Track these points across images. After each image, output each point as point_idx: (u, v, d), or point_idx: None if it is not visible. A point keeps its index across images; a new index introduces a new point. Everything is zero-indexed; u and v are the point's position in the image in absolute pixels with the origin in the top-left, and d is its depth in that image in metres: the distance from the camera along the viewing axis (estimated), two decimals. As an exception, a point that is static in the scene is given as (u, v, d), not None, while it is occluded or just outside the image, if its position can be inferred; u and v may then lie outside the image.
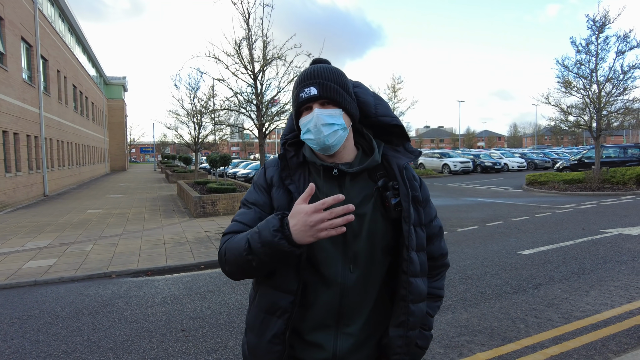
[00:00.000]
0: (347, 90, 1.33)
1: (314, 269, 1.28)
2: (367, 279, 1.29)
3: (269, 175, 1.37)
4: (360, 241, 1.27)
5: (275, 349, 1.28)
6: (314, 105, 1.28)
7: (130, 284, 5.94)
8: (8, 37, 14.89)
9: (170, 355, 3.72)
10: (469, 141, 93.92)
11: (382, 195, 1.29)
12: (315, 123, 1.25)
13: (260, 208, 1.34)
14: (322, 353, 1.28)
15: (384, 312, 1.35)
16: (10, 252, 7.87)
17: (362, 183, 1.31)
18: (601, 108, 15.65)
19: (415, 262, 1.30)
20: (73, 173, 25.68)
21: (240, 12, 9.12)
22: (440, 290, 1.48)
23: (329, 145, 1.26)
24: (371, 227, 1.28)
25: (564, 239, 7.78)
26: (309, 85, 1.29)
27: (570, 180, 16.75)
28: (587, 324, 4.03)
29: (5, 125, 14.30)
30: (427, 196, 1.42)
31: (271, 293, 1.30)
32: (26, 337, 4.18)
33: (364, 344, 1.31)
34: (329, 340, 1.28)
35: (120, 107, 49.92)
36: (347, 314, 1.28)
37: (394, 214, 1.28)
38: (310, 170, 1.34)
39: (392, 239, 1.31)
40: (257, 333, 1.33)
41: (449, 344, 3.71)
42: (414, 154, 1.38)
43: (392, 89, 28.47)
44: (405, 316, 1.30)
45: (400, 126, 1.39)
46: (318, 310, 1.28)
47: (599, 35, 15.44)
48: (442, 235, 1.48)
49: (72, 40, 28.06)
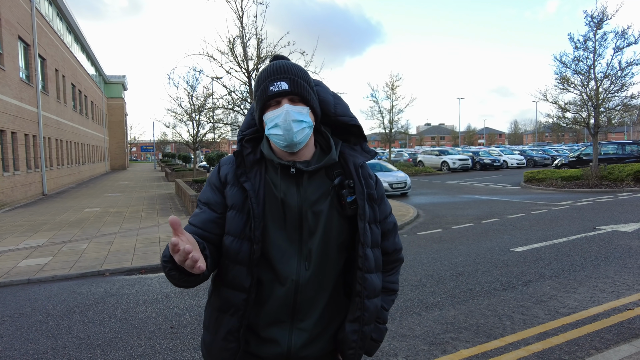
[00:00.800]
0: (312, 88, 1.35)
1: (268, 266, 1.29)
2: (322, 275, 1.31)
3: (223, 173, 1.35)
4: (316, 238, 1.29)
5: (229, 346, 1.30)
6: (283, 101, 1.28)
7: (123, 282, 5.97)
8: (5, 36, 14.91)
9: (158, 352, 3.74)
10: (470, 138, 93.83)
11: (339, 193, 1.31)
12: (285, 118, 1.25)
13: (212, 208, 1.34)
14: (276, 348, 1.30)
15: (338, 306, 1.37)
16: (5, 250, 7.91)
17: (319, 181, 1.32)
18: (599, 105, 15.63)
19: (370, 259, 1.32)
20: (72, 172, 25.73)
21: (234, 10, 9.15)
22: (394, 284, 1.51)
23: (296, 142, 1.26)
24: (327, 225, 1.30)
25: (557, 236, 7.79)
26: (279, 80, 1.28)
27: (568, 177, 16.74)
28: (572, 320, 4.05)
29: (2, 125, 14.33)
30: (382, 194, 1.44)
31: (224, 291, 1.32)
32: (16, 335, 4.22)
33: (318, 338, 1.33)
34: (284, 335, 1.30)
35: (120, 105, 49.94)
36: (302, 309, 1.30)
37: (349, 211, 1.30)
38: (267, 167, 1.34)
39: (347, 236, 1.34)
40: (212, 331, 1.35)
41: (434, 341, 3.74)
42: (370, 154, 1.40)
43: (391, 86, 28.46)
44: (361, 311, 1.32)
45: (359, 126, 1.41)
46: (272, 306, 1.30)
47: (597, 32, 15.41)
48: (397, 231, 1.51)
49: (70, 39, 28.06)
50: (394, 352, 3.57)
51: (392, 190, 15.68)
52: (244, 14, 9.09)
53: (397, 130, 29.92)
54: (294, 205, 1.28)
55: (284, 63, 1.32)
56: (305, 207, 1.28)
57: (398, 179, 16.07)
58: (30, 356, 3.75)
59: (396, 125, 29.36)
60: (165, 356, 3.66)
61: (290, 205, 1.27)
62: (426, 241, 7.92)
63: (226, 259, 1.31)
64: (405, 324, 4.12)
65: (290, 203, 1.28)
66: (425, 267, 6.11)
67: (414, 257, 6.76)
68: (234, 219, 1.29)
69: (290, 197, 1.28)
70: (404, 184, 15.96)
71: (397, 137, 31.61)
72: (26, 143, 16.99)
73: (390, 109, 28.84)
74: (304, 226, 1.28)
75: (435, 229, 9.12)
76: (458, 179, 22.52)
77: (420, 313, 4.40)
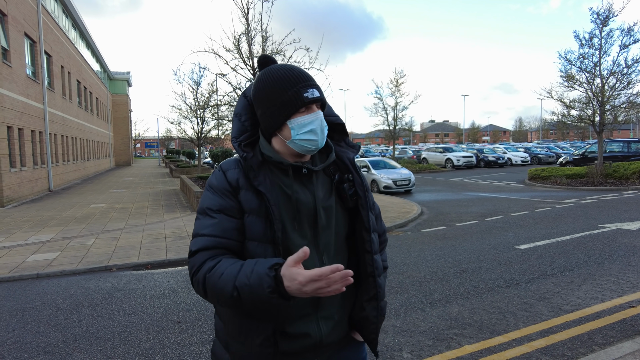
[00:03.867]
0: None
1: None
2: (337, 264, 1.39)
3: (233, 178, 1.33)
4: (329, 232, 1.38)
5: (267, 351, 1.31)
6: (314, 107, 1.34)
7: (130, 277, 6.05)
8: (11, 33, 15.01)
9: (166, 346, 3.81)
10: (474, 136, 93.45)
11: (339, 188, 1.40)
12: (320, 125, 1.32)
13: (229, 214, 1.31)
14: (308, 340, 1.35)
15: (349, 290, 1.45)
16: (14, 245, 8.02)
17: (322, 179, 1.41)
18: (604, 102, 15.56)
19: (375, 242, 1.44)
20: (77, 168, 25.90)
21: (240, 7, 9.16)
22: (386, 262, 1.64)
23: (321, 147, 1.35)
24: (336, 218, 1.40)
25: (561, 234, 7.80)
26: (312, 87, 1.33)
27: (573, 175, 16.69)
28: (575, 317, 4.08)
29: (9, 121, 14.45)
30: (368, 184, 1.56)
31: None
32: (27, 328, 4.30)
33: (340, 323, 1.42)
34: (312, 327, 1.35)
35: (125, 102, 50.12)
36: (326, 300, 1.37)
37: (351, 203, 1.41)
38: (271, 169, 1.36)
39: (349, 226, 1.45)
40: (241, 340, 1.33)
41: (438, 337, 3.78)
42: (355, 148, 1.51)
43: (395, 83, 28.39)
44: (375, 290, 1.43)
45: (343, 124, 1.52)
46: (298, 302, 1.31)
47: (603, 29, 15.33)
48: (381, 215, 1.64)
49: (75, 35, 28.18)
50: (398, 347, 3.62)
51: (396, 188, 15.70)
52: (249, 11, 9.13)
53: (401, 127, 29.88)
54: (309, 203, 1.34)
55: (301, 70, 1.38)
56: (318, 205, 1.35)
57: (402, 176, 16.09)
58: (42, 349, 3.83)
59: (400, 122, 29.32)
60: (174, 350, 3.73)
61: (304, 204, 1.34)
62: (430, 238, 7.95)
63: None
64: (409, 320, 4.17)
65: (305, 202, 1.34)
66: (430, 264, 6.15)
67: (418, 254, 6.80)
68: (255, 224, 1.29)
69: (305, 197, 1.34)
70: (408, 181, 15.97)
71: (401, 134, 31.57)
72: (32, 139, 17.13)
73: (395, 105, 28.78)
74: (319, 223, 1.35)
75: (439, 226, 9.14)
76: (462, 176, 22.50)
77: (424, 309, 4.45)
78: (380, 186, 15.94)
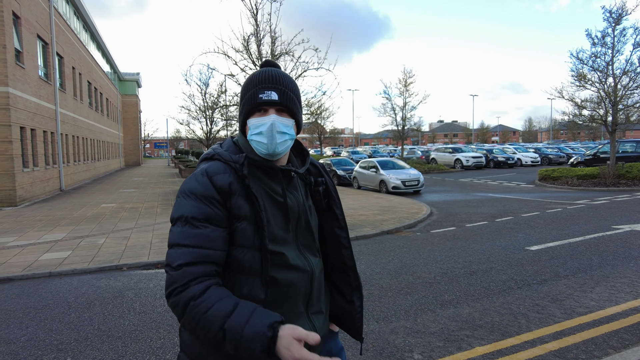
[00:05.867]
0: (300, 102, 1.42)
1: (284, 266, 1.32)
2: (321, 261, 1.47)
3: (224, 183, 1.24)
4: (310, 231, 1.42)
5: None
6: (270, 110, 1.32)
7: (140, 276, 6.10)
8: (24, 35, 15.22)
9: (176, 345, 3.83)
10: (483, 136, 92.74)
11: (314, 190, 1.46)
12: (271, 128, 1.29)
13: (217, 224, 1.22)
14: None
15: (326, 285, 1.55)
16: (27, 244, 8.12)
17: (299, 182, 1.45)
18: (617, 102, 15.34)
19: (348, 237, 1.53)
20: (88, 168, 26.19)
21: (249, 7, 9.18)
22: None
23: (277, 152, 1.32)
24: (314, 218, 1.46)
25: (573, 235, 7.70)
26: (270, 89, 1.31)
27: (584, 175, 16.47)
28: (589, 319, 4.02)
29: (22, 122, 14.65)
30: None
31: None
32: (40, 326, 4.35)
33: (327, 316, 1.50)
34: (305, 324, 1.36)
35: (134, 102, 50.57)
36: (313, 296, 1.41)
37: (324, 204, 1.48)
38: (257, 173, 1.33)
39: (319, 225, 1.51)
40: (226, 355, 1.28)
41: (449, 338, 3.75)
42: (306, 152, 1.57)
43: (404, 83, 28.28)
44: (357, 280, 1.53)
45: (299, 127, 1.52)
46: (291, 301, 1.35)
47: (616, 27, 15.12)
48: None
49: (86, 37, 28.50)
50: (409, 348, 3.60)
51: (405, 188, 15.63)
52: (258, 11, 9.15)
53: (409, 128, 29.75)
54: (295, 206, 1.37)
55: (277, 72, 1.35)
56: (302, 207, 1.40)
57: (411, 176, 16.01)
58: (55, 347, 3.87)
59: (409, 123, 29.19)
60: (184, 349, 3.75)
61: (292, 207, 1.36)
62: (440, 239, 7.90)
63: (238, 273, 1.26)
64: (420, 321, 4.14)
65: (292, 205, 1.36)
66: (439, 265, 6.11)
67: (428, 254, 6.76)
68: (246, 230, 1.24)
69: (291, 200, 1.37)
70: (417, 181, 15.89)
71: (409, 134, 31.42)
72: (44, 139, 17.35)
73: (403, 105, 28.67)
74: (299, 223, 1.38)
75: (449, 227, 9.08)
76: (471, 176, 22.33)
77: (434, 310, 4.42)
78: (389, 187, 15.88)
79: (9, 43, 13.56)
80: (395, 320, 4.20)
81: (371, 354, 3.52)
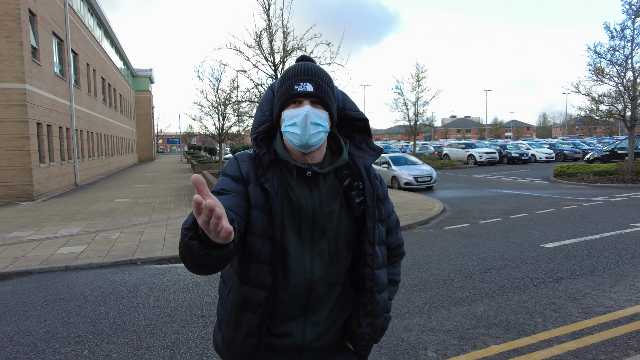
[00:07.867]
0: (334, 95, 1.39)
1: (284, 265, 1.33)
2: (333, 272, 1.37)
3: (244, 171, 1.35)
4: (328, 238, 1.34)
5: (251, 341, 1.34)
6: (305, 102, 1.31)
7: (154, 271, 6.16)
8: (40, 32, 15.44)
9: (190, 339, 3.86)
10: (497, 131, 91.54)
11: (347, 195, 1.36)
12: (305, 119, 1.28)
13: (241, 195, 1.31)
14: (290, 340, 1.36)
15: (347, 300, 1.44)
16: (44, 238, 8.28)
17: (330, 182, 1.37)
18: (636, 96, 14.97)
19: (378, 256, 1.40)
20: (102, 163, 26.55)
21: (261, 3, 9.15)
22: (397, 275, 1.58)
23: (310, 144, 1.30)
24: (338, 225, 1.36)
25: (590, 233, 7.55)
26: (306, 81, 1.31)
27: (601, 172, 16.14)
28: (608, 319, 3.94)
29: (39, 118, 14.90)
30: (386, 192, 1.50)
31: (245, 289, 1.34)
32: (58, 319, 4.43)
33: (329, 331, 1.41)
34: (298, 329, 1.36)
35: (147, 98, 51.06)
36: (315, 305, 1.36)
37: (357, 212, 1.36)
38: (281, 168, 1.36)
39: (355, 235, 1.39)
40: (232, 327, 1.37)
41: (463, 336, 3.71)
42: (377, 151, 1.44)
43: (416, 77, 28.02)
44: (372, 306, 1.40)
45: (365, 120, 1.45)
46: (287, 303, 1.35)
47: (636, 19, 14.73)
48: (399, 227, 1.58)
49: (100, 33, 28.81)
50: (423, 345, 3.57)
51: (417, 184, 15.52)
52: (270, 7, 9.12)
53: (422, 123, 29.48)
54: (308, 208, 1.33)
55: (312, 65, 1.35)
56: (318, 209, 1.33)
57: (423, 172, 15.89)
58: (72, 339, 3.93)
59: (421, 118, 28.93)
60: (198, 344, 3.78)
61: (304, 208, 1.32)
62: (453, 236, 7.82)
63: (247, 258, 1.32)
64: (434, 318, 4.11)
65: (304, 205, 1.32)
66: (453, 262, 6.05)
67: (441, 251, 6.70)
68: (257, 219, 1.29)
69: (305, 200, 1.33)
70: (430, 177, 15.76)
71: (422, 129, 31.13)
72: (60, 135, 17.62)
73: (415, 101, 28.43)
74: (316, 227, 1.33)
75: (462, 223, 8.99)
76: (485, 172, 22.07)
77: (448, 308, 4.37)
78: (401, 182, 15.78)
79: (26, 40, 13.77)
80: (409, 317, 4.17)
81: (385, 351, 3.50)
